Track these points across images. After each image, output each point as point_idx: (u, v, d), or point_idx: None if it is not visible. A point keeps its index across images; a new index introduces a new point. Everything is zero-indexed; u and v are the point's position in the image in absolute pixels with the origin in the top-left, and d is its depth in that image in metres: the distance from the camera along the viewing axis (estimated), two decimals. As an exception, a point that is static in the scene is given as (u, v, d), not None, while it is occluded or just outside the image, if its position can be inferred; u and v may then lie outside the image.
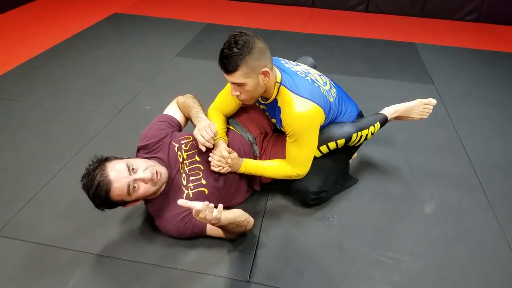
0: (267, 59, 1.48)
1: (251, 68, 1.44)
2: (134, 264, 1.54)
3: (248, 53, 1.41)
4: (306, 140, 1.60)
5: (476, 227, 1.79)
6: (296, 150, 1.62)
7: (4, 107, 2.56)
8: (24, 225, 1.70)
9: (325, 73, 1.79)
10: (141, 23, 4.15)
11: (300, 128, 1.56)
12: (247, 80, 1.47)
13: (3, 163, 2.07)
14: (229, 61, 1.42)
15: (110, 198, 1.42)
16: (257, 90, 1.53)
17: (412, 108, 1.94)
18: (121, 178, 1.41)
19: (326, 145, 1.72)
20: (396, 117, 1.97)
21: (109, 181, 1.40)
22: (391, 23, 4.57)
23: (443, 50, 3.81)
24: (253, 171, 1.71)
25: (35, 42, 3.55)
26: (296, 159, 1.65)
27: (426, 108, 1.92)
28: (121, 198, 1.44)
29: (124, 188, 1.42)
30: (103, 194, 1.40)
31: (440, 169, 2.14)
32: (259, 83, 1.50)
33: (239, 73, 1.44)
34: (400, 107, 1.95)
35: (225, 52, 1.42)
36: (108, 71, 3.11)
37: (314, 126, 1.59)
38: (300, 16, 4.67)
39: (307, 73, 1.67)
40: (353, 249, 1.64)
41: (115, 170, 1.42)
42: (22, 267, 1.52)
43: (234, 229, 1.50)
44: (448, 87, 3.06)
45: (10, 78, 2.93)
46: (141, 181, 1.45)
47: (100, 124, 2.42)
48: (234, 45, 1.41)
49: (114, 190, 1.41)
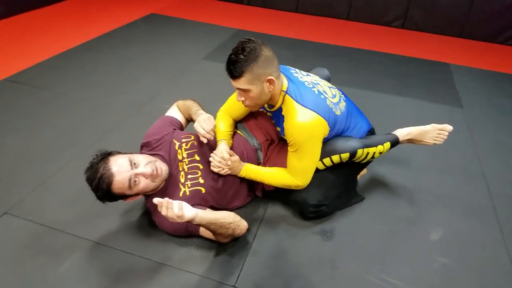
0: (273, 68, 1.48)
1: (255, 75, 1.45)
2: (126, 255, 1.58)
3: (254, 61, 1.42)
4: (307, 150, 1.58)
5: (484, 262, 1.68)
6: (296, 160, 1.60)
7: (32, 94, 2.68)
8: (32, 206, 1.79)
9: (347, 87, 1.77)
10: (174, 24, 4.25)
11: (300, 138, 1.54)
12: (251, 87, 1.47)
13: (22, 146, 2.17)
14: (235, 67, 1.43)
15: (111, 191, 1.47)
16: (261, 97, 1.53)
17: (426, 132, 1.87)
18: (123, 172, 1.46)
19: (329, 158, 1.68)
20: (408, 140, 1.90)
21: (111, 174, 1.44)
22: (427, 41, 4.44)
23: (478, 73, 3.66)
24: (253, 177, 1.70)
25: (71, 36, 3.71)
26: (296, 170, 1.63)
27: (441, 134, 1.85)
28: (122, 191, 1.48)
29: (125, 181, 1.46)
30: (105, 186, 1.44)
31: (454, 195, 2.05)
32: (264, 90, 1.50)
33: (244, 79, 1.45)
34: (414, 130, 1.89)
35: (232, 58, 1.44)
36: (135, 68, 3.20)
37: (315, 137, 1.56)
38: (333, 27, 4.63)
39: (315, 84, 1.65)
40: (346, 268, 1.59)
41: (118, 164, 1.47)
42: (23, 244, 1.60)
43: (218, 230, 1.49)
44: (477, 112, 2.93)
45: (43, 67, 3.08)
46: (141, 176, 1.49)
47: (119, 118, 2.49)
48: (240, 52, 1.43)
49: (115, 183, 1.45)
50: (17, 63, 3.07)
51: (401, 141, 1.89)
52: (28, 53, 3.28)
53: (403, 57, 3.89)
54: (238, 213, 1.76)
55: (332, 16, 4.93)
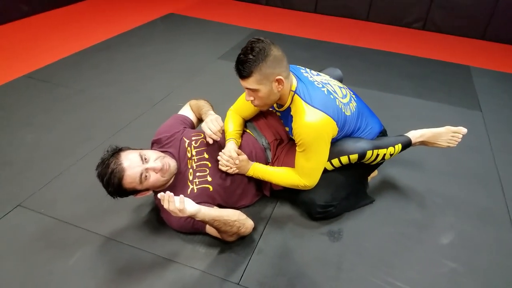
0: (282, 68, 1.48)
1: (264, 75, 1.45)
2: (134, 249, 1.60)
3: (263, 60, 1.42)
4: (315, 151, 1.57)
5: (494, 269, 1.64)
6: (304, 160, 1.59)
7: (50, 90, 2.76)
8: (45, 199, 1.83)
9: (366, 88, 1.73)
10: (192, 24, 4.30)
11: (308, 138, 1.53)
12: (260, 87, 1.48)
13: (38, 141, 2.23)
14: (244, 67, 1.44)
15: (122, 186, 1.49)
16: (270, 97, 1.53)
17: (439, 135, 1.83)
18: (134, 167, 1.49)
19: (337, 159, 1.67)
20: (421, 142, 1.87)
21: (122, 169, 1.47)
22: (447, 43, 4.36)
23: (499, 76, 3.57)
24: (261, 176, 1.70)
25: (91, 35, 3.79)
26: (303, 169, 1.62)
27: (455, 137, 1.81)
28: (133, 186, 1.51)
29: (136, 176, 1.48)
30: (116, 181, 1.47)
31: (467, 199, 2.00)
32: (273, 90, 1.50)
33: (253, 79, 1.46)
34: (427, 132, 1.85)
35: (241, 57, 1.45)
36: (151, 67, 3.24)
37: (323, 137, 1.55)
38: (352, 28, 4.59)
39: (325, 84, 1.64)
40: (351, 270, 1.57)
41: (128, 159, 1.50)
42: (34, 237, 1.64)
43: (222, 228, 1.50)
44: (496, 115, 2.86)
45: (62, 64, 3.16)
46: (152, 170, 1.52)
47: (134, 115, 2.53)
48: (249, 52, 1.43)
49: (126, 178, 1.48)
50: (37, 60, 3.16)
51: (413, 143, 1.86)
52: (48, 51, 3.36)
53: (423, 59, 3.83)
54: (246, 212, 1.77)
55: (351, 16, 4.89)
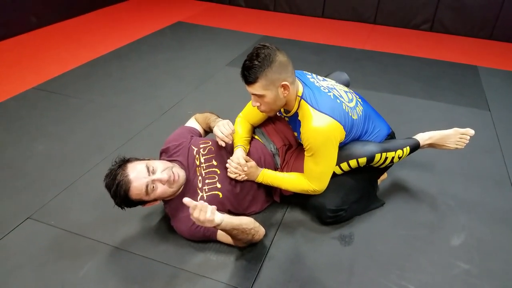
0: (287, 73, 1.49)
1: (270, 81, 1.47)
2: (144, 259, 1.61)
3: (268, 66, 1.44)
4: (323, 155, 1.58)
5: (507, 269, 1.62)
6: (313, 164, 1.60)
7: (60, 101, 2.80)
8: (55, 211, 1.84)
9: (375, 90, 1.72)
10: (201, 32, 4.34)
11: (316, 143, 1.54)
12: (266, 92, 1.49)
13: (49, 151, 2.27)
14: (249, 73, 1.46)
15: (129, 197, 1.50)
16: (276, 103, 1.55)
17: (447, 137, 1.84)
18: (140, 178, 1.49)
19: (346, 162, 1.67)
20: (429, 144, 1.87)
21: (129, 181, 1.48)
22: (455, 44, 4.34)
23: (507, 76, 3.54)
24: (270, 182, 1.72)
25: (101, 45, 3.85)
26: (312, 174, 1.63)
27: (463, 138, 1.82)
28: (140, 197, 1.52)
29: (142, 187, 1.49)
30: (123, 193, 1.48)
31: (479, 200, 1.99)
32: (279, 96, 1.52)
33: (259, 85, 1.47)
34: (435, 135, 1.86)
35: (247, 63, 1.47)
36: (161, 75, 3.28)
37: (331, 141, 1.56)
38: (360, 32, 4.60)
39: (331, 89, 1.65)
40: (363, 274, 1.57)
41: (135, 170, 1.51)
42: (44, 249, 1.64)
43: (239, 236, 1.51)
44: (505, 115, 2.84)
45: (72, 75, 3.21)
46: (158, 182, 1.52)
47: (144, 123, 2.56)
48: (255, 58, 1.45)
49: (133, 189, 1.49)
50: (47, 71, 3.21)
51: (422, 145, 1.86)
52: (58, 62, 3.42)
53: (431, 60, 3.82)
54: (256, 219, 1.78)
55: (359, 20, 4.90)
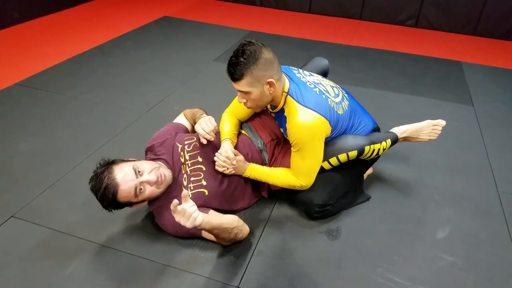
0: (273, 70, 1.50)
1: (255, 78, 1.47)
2: (131, 257, 1.59)
3: (254, 63, 1.44)
4: (309, 150, 1.58)
5: (491, 260, 1.66)
6: (299, 160, 1.61)
7: (43, 98, 2.75)
8: (40, 209, 1.81)
9: (363, 86, 1.72)
10: (187, 27, 4.30)
11: (302, 138, 1.55)
12: (251, 89, 1.50)
13: (33, 148, 2.22)
14: (235, 70, 1.46)
15: (117, 200, 1.48)
16: (262, 99, 1.55)
17: (421, 129, 1.90)
18: (128, 181, 1.47)
19: (336, 157, 1.68)
20: (404, 138, 1.91)
21: (116, 184, 1.45)
22: (440, 39, 4.39)
23: (490, 71, 3.60)
24: (258, 177, 1.71)
25: (84, 40, 3.78)
26: (299, 169, 1.63)
27: (435, 129, 1.88)
28: (128, 199, 1.50)
29: (131, 190, 1.47)
30: (111, 196, 1.46)
31: (463, 193, 2.02)
32: (264, 92, 1.52)
33: (244, 81, 1.48)
34: (410, 128, 1.91)
35: (232, 60, 1.47)
36: (147, 70, 3.25)
37: (317, 137, 1.57)
38: (346, 28, 4.61)
39: (317, 84, 1.66)
40: (351, 268, 1.58)
41: (122, 172, 1.48)
42: (29, 248, 1.61)
43: (220, 235, 1.50)
44: (488, 110, 2.89)
45: (55, 71, 3.15)
46: (146, 183, 1.50)
47: (130, 120, 2.53)
48: (241, 55, 1.45)
49: (121, 192, 1.46)
50: (30, 67, 3.15)
51: (398, 138, 1.90)
52: (41, 58, 3.35)
53: (417, 56, 3.86)
54: (244, 215, 1.79)
55: (345, 16, 4.91)
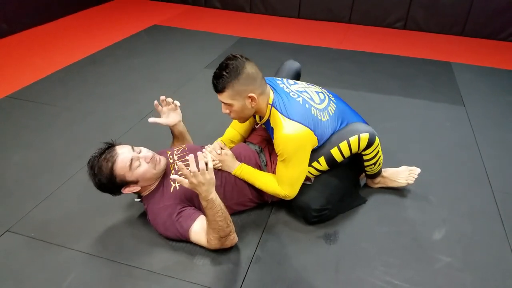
0: (255, 85, 1.54)
1: (236, 92, 1.52)
2: (129, 268, 1.58)
3: (235, 78, 1.49)
4: (294, 161, 1.60)
5: (487, 260, 1.67)
6: (283, 169, 1.62)
7: (35, 110, 2.73)
8: (35, 222, 1.79)
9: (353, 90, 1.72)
10: (177, 35, 4.30)
11: (287, 150, 1.57)
12: (233, 102, 1.54)
13: (26, 161, 2.20)
14: (217, 82, 1.52)
15: (114, 171, 1.55)
16: (244, 112, 1.59)
17: (397, 173, 1.99)
18: (126, 152, 1.59)
19: (346, 141, 1.66)
20: (383, 176, 1.98)
21: (116, 154, 1.58)
22: (429, 41, 4.44)
23: (480, 71, 3.65)
24: (247, 177, 1.72)
25: (75, 51, 3.77)
26: (282, 178, 1.65)
27: (411, 175, 1.95)
28: (123, 172, 1.56)
29: (127, 160, 1.56)
30: (110, 165, 1.55)
31: (458, 194, 2.04)
32: (246, 106, 1.56)
33: (226, 94, 1.53)
34: (387, 170, 1.99)
35: (216, 72, 1.53)
36: (138, 79, 3.24)
37: (302, 148, 1.59)
38: (336, 31, 4.65)
39: (301, 92, 1.68)
40: (349, 272, 1.59)
41: (122, 149, 1.61)
42: (25, 263, 1.60)
43: (219, 222, 1.48)
44: (479, 110, 2.92)
45: (47, 82, 3.12)
46: (143, 159, 1.60)
47: (123, 129, 2.52)
48: (224, 68, 1.50)
49: (118, 162, 1.56)
50: (21, 79, 3.12)
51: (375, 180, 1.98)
52: (31, 69, 3.33)
53: (407, 58, 3.90)
54: (242, 221, 1.79)
55: (334, 20, 4.95)
